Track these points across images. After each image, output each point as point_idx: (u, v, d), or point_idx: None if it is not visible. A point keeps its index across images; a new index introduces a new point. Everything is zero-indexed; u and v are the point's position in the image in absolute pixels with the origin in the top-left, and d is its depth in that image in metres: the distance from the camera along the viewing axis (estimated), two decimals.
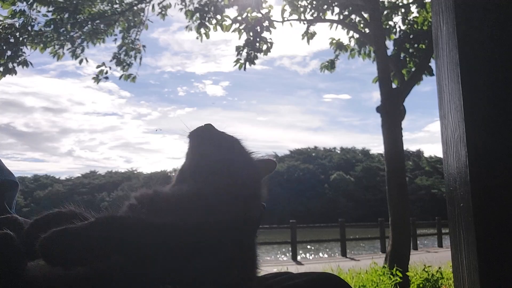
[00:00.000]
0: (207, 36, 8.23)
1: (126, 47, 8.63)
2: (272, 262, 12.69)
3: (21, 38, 7.39)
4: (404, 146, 6.74)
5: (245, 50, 8.04)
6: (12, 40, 7.36)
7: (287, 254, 14.19)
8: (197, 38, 8.27)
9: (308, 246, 17.31)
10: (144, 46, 8.80)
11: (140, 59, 8.73)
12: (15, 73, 7.43)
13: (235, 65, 8.06)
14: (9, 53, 7.37)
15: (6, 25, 7.35)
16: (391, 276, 5.91)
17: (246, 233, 0.89)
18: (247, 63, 8.07)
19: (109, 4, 8.37)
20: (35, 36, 7.52)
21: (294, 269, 8.98)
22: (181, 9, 8.27)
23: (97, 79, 8.49)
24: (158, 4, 8.55)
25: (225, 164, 0.92)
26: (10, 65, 7.39)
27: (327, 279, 0.89)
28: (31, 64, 7.52)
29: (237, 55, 8.08)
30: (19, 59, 7.44)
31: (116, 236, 0.71)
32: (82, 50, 8.24)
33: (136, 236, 0.72)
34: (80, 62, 8.27)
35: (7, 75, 7.43)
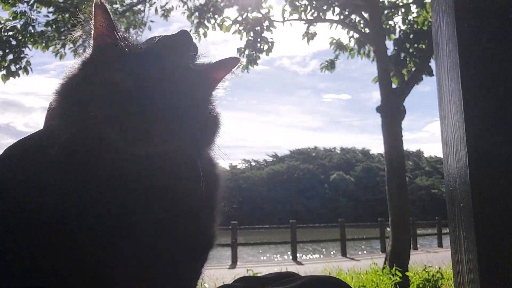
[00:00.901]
0: (205, 36, 8.23)
1: None
2: (272, 262, 12.69)
3: (22, 40, 7.39)
4: (404, 146, 6.74)
5: (247, 52, 8.04)
6: (14, 43, 7.36)
7: (287, 254, 14.19)
8: (195, 38, 8.27)
9: (308, 246, 17.30)
10: None
11: None
12: (18, 75, 7.43)
13: (238, 67, 8.07)
14: (11, 56, 7.37)
15: (8, 27, 7.34)
16: (391, 276, 5.91)
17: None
18: (250, 65, 8.08)
19: (110, 4, 8.37)
20: (36, 36, 7.51)
21: (294, 269, 8.97)
22: (183, 13, 8.27)
23: None
24: (161, 7, 8.56)
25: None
26: (13, 68, 7.39)
27: (329, 282, 0.87)
28: (31, 69, 7.52)
29: (239, 57, 8.08)
30: (21, 61, 7.44)
31: None
32: (84, 50, 8.23)
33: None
34: None
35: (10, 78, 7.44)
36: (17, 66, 7.41)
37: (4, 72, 7.33)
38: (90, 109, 0.62)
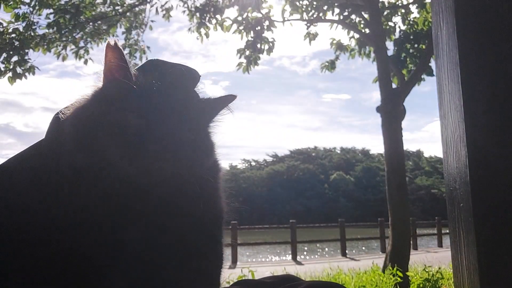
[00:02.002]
0: (207, 36, 8.23)
1: (130, 49, 8.63)
2: (272, 262, 12.69)
3: (25, 42, 7.38)
4: (404, 146, 6.74)
5: (247, 52, 8.03)
6: (17, 44, 7.35)
7: (287, 254, 14.19)
8: (197, 38, 8.27)
9: (308, 247, 17.30)
10: (148, 47, 8.81)
11: (146, 59, 8.73)
12: (25, 77, 7.42)
13: (238, 68, 8.05)
14: (15, 58, 7.36)
15: (11, 30, 7.34)
16: (391, 277, 5.91)
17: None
18: (250, 66, 8.07)
19: (111, 6, 8.37)
20: (38, 38, 7.51)
21: (294, 269, 8.98)
22: (183, 11, 8.27)
23: None
24: (161, 6, 8.55)
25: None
26: (19, 70, 7.38)
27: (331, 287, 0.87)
28: (38, 68, 7.52)
29: (239, 57, 8.07)
30: (26, 64, 7.42)
31: None
32: (86, 52, 8.23)
33: None
34: (86, 62, 8.25)
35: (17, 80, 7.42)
36: (22, 68, 7.40)
37: (10, 74, 7.33)
38: (101, 144, 0.68)
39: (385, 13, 8.02)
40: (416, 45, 7.56)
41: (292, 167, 58.71)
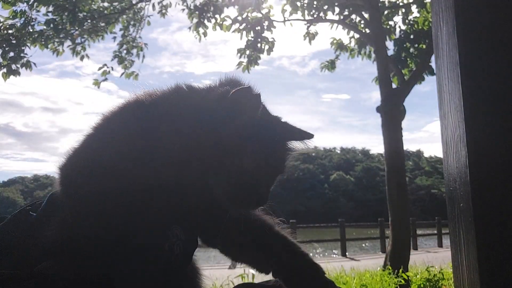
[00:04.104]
0: (205, 35, 8.21)
1: (127, 46, 8.62)
2: None
3: (22, 38, 7.37)
4: (404, 146, 6.73)
5: (247, 52, 8.02)
6: (14, 41, 7.34)
7: None
8: (195, 37, 8.25)
9: (307, 247, 17.26)
10: (146, 44, 8.79)
11: (143, 56, 8.72)
12: (19, 74, 7.41)
13: (238, 67, 8.04)
14: (11, 54, 7.35)
15: (8, 26, 7.33)
16: (392, 277, 5.90)
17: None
18: (250, 65, 8.06)
19: (109, 3, 8.35)
20: (35, 35, 7.50)
21: None
22: (182, 9, 8.24)
23: (97, 82, 8.44)
24: (158, 3, 8.53)
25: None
26: (14, 66, 7.37)
27: None
28: (34, 64, 7.50)
29: (240, 57, 8.06)
30: (22, 60, 7.41)
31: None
32: (83, 48, 8.21)
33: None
34: (82, 58, 8.21)
35: (11, 76, 7.41)
36: (18, 65, 7.40)
37: (4, 70, 7.32)
38: (214, 173, 0.79)
39: (385, 12, 8.02)
40: (416, 45, 7.56)
41: (292, 167, 58.41)
